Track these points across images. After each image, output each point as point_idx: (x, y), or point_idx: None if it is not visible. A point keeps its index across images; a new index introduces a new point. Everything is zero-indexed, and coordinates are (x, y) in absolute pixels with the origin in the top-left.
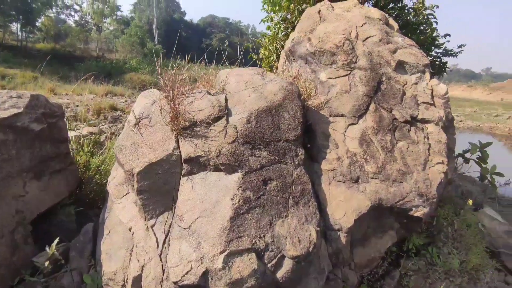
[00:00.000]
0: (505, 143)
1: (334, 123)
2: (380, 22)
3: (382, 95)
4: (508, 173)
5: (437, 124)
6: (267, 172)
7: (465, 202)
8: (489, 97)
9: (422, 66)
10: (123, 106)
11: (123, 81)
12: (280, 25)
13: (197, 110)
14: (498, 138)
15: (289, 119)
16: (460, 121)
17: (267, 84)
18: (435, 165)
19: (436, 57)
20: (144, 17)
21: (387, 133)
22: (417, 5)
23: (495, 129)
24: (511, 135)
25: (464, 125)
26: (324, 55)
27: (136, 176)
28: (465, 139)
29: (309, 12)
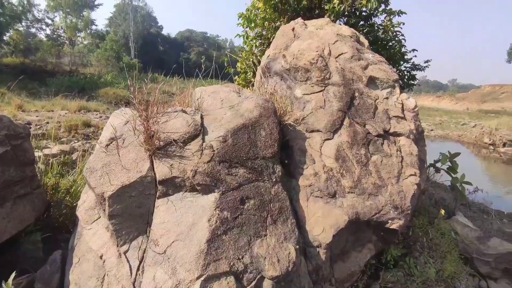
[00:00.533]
0: (472, 150)
1: (311, 139)
2: (351, 39)
3: (355, 110)
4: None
5: (408, 137)
6: (245, 190)
7: (439, 211)
8: (455, 106)
9: (392, 81)
10: (97, 122)
11: (98, 96)
12: (256, 41)
13: (172, 130)
14: (466, 146)
15: (266, 136)
16: (431, 130)
17: (243, 102)
18: (408, 177)
19: (405, 71)
20: (120, 31)
21: (361, 147)
22: (386, 23)
23: (463, 137)
24: (477, 142)
25: (435, 133)
26: (298, 71)
27: (107, 200)
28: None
29: (284, 30)
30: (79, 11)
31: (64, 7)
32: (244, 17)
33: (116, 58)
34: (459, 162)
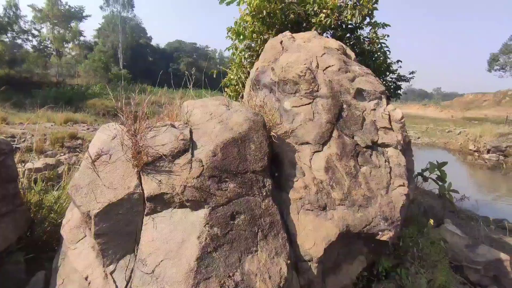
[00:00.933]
0: (458, 157)
1: (300, 151)
2: (338, 52)
3: (344, 121)
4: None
5: (396, 147)
6: (235, 205)
7: (428, 219)
8: (441, 114)
9: (379, 93)
10: (85, 134)
11: (85, 107)
12: (245, 53)
13: (161, 145)
14: (452, 153)
15: (255, 150)
16: (418, 137)
17: (232, 115)
18: (397, 187)
19: (391, 82)
20: (108, 42)
21: (350, 158)
22: (371, 35)
23: (449, 144)
24: (462, 149)
25: (421, 141)
26: (287, 84)
27: (94, 218)
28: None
29: (272, 43)
30: (67, 22)
31: (52, 18)
32: (233, 31)
33: (104, 69)
34: (447, 169)
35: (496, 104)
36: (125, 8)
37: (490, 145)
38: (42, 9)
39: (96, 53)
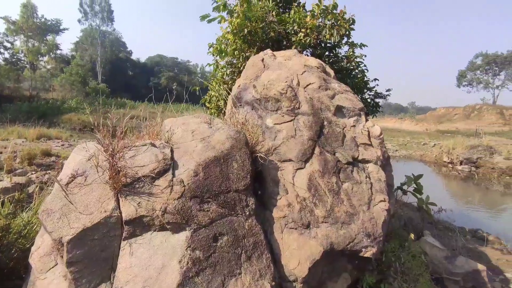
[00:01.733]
0: (433, 169)
1: (283, 169)
2: (318, 70)
3: (325, 138)
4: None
5: (376, 163)
6: (217, 227)
7: (408, 232)
8: (416, 127)
9: (358, 109)
10: (59, 151)
11: (61, 122)
12: (226, 69)
13: (140, 165)
14: (428, 165)
15: (238, 168)
16: (396, 150)
17: (214, 133)
18: (378, 203)
19: (368, 98)
20: (86, 56)
21: (332, 175)
22: (349, 53)
23: (425, 157)
24: (437, 161)
25: (399, 154)
26: (269, 101)
27: (66, 245)
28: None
29: (253, 60)
30: (42, 35)
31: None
32: (215, 49)
33: (82, 83)
34: (424, 181)
35: (466, 117)
36: (104, 22)
37: (463, 157)
38: (16, 21)
39: (73, 67)
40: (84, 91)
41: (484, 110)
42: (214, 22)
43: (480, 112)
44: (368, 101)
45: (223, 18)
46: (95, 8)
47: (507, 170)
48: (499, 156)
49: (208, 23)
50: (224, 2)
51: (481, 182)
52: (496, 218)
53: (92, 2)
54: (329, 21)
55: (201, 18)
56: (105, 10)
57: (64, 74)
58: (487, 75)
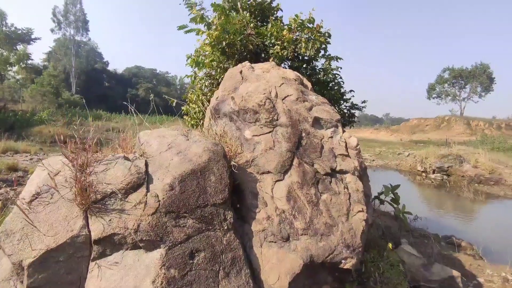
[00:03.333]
0: (408, 177)
1: (262, 181)
2: (296, 82)
3: (303, 150)
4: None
5: (353, 173)
6: (194, 243)
7: (387, 241)
8: (391, 137)
9: (335, 121)
10: (27, 165)
11: (30, 135)
12: (205, 81)
13: (112, 180)
14: (403, 174)
15: (216, 181)
16: (372, 160)
17: (191, 146)
18: (356, 213)
19: (345, 109)
20: (60, 66)
21: (311, 186)
22: (326, 66)
23: (400, 166)
24: (412, 170)
25: (376, 163)
26: (247, 113)
27: (27, 269)
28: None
29: (232, 72)
30: (12, 45)
31: None
32: (193, 60)
33: (54, 94)
34: (400, 190)
35: (437, 128)
36: (78, 32)
37: (435, 165)
38: None
39: (45, 77)
40: (56, 102)
41: (453, 121)
42: (193, 33)
43: (449, 123)
44: (344, 112)
45: (200, 30)
46: (69, 17)
47: (475, 178)
48: (468, 164)
49: (185, 33)
50: (201, 15)
51: (452, 190)
52: (467, 224)
53: (66, 12)
54: (305, 35)
55: (179, 28)
56: (79, 19)
57: (35, 84)
58: (454, 88)
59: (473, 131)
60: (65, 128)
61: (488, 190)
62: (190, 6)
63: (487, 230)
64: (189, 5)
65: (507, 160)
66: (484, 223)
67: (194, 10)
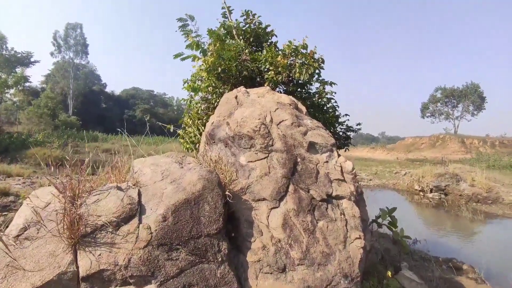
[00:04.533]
0: (406, 197)
1: (257, 208)
2: (290, 106)
3: (299, 175)
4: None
5: (350, 199)
6: (187, 277)
7: (386, 267)
8: (387, 156)
9: (330, 145)
10: (19, 190)
11: (24, 157)
12: (201, 105)
13: (104, 212)
14: (401, 193)
15: (210, 211)
16: (370, 180)
17: (185, 174)
18: (354, 241)
19: (340, 132)
20: (57, 88)
21: (307, 213)
22: (320, 90)
23: (397, 185)
24: (409, 189)
25: (373, 183)
26: (242, 139)
27: None
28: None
29: (227, 97)
30: (11, 68)
31: None
32: (189, 86)
33: (51, 116)
34: (398, 210)
35: (432, 146)
36: (78, 55)
37: (432, 184)
38: None
39: (42, 99)
40: (53, 124)
41: (448, 140)
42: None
43: (444, 141)
44: (340, 134)
45: (196, 56)
46: (69, 41)
47: (473, 197)
48: (464, 183)
49: (182, 60)
50: (197, 42)
51: (451, 209)
52: (468, 245)
53: (66, 36)
54: (299, 60)
55: (175, 56)
56: (79, 43)
57: (31, 106)
58: (447, 107)
59: (468, 149)
60: (61, 150)
61: (487, 209)
62: (186, 33)
63: (489, 251)
64: (185, 32)
65: (503, 178)
66: (485, 244)
67: (190, 38)
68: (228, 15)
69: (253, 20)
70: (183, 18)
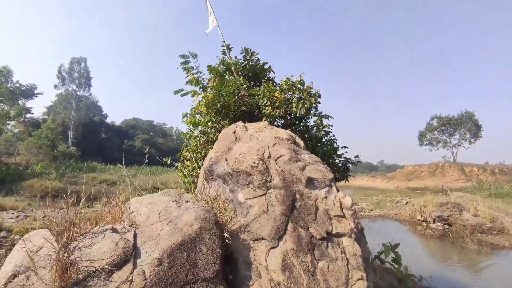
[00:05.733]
0: (409, 228)
1: (255, 248)
2: (288, 141)
3: (298, 212)
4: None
5: (350, 236)
6: None
7: None
8: (387, 185)
9: (329, 180)
10: (12, 224)
11: (20, 189)
12: (200, 138)
13: (97, 256)
14: (403, 224)
15: (207, 253)
16: (371, 210)
17: (182, 214)
18: (356, 282)
19: (339, 164)
20: (59, 119)
21: (307, 253)
22: (317, 123)
23: (399, 215)
24: (411, 219)
25: (374, 213)
26: (240, 175)
27: None
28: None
29: (226, 133)
30: (14, 100)
31: None
32: (190, 121)
33: (50, 146)
34: (402, 242)
35: (432, 174)
36: (81, 87)
37: (434, 214)
38: None
39: (42, 130)
40: (51, 154)
41: (447, 168)
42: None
43: (443, 169)
44: (339, 166)
45: (196, 92)
46: (73, 74)
47: (477, 227)
48: (467, 213)
49: (182, 96)
50: (197, 78)
51: (455, 241)
52: (476, 280)
53: (71, 69)
54: (296, 95)
55: (175, 92)
56: (83, 76)
57: (31, 137)
58: (444, 135)
59: (468, 177)
60: (58, 181)
61: (492, 240)
62: (187, 70)
63: (498, 286)
64: (186, 68)
65: (506, 207)
66: (494, 278)
67: (190, 74)
68: (227, 53)
69: (251, 57)
70: (186, 55)
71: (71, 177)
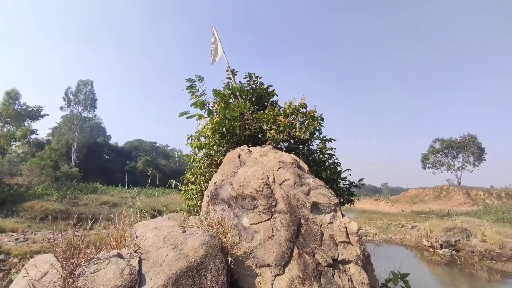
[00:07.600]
0: (416, 253)
1: (261, 276)
2: (292, 165)
3: (303, 238)
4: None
5: (357, 263)
6: None
7: None
8: (391, 208)
9: (333, 205)
10: (11, 247)
11: (21, 211)
12: (204, 161)
13: (102, 283)
14: (409, 249)
15: (212, 280)
16: (375, 234)
17: (188, 239)
18: None
19: (344, 187)
20: (63, 140)
21: (313, 281)
22: (321, 146)
23: (404, 240)
24: (418, 245)
25: (379, 237)
26: (245, 199)
27: None
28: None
29: (230, 156)
30: (20, 121)
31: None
32: (196, 144)
33: (53, 167)
34: (410, 269)
35: (436, 197)
36: (86, 109)
37: (441, 240)
38: None
39: (46, 151)
40: (54, 175)
41: (452, 191)
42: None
43: (448, 192)
44: (343, 189)
45: (201, 115)
46: (79, 96)
47: (486, 253)
48: (475, 238)
49: (187, 119)
50: (202, 102)
51: (464, 268)
52: None
53: (77, 92)
54: (300, 119)
55: (180, 114)
56: (89, 98)
57: (34, 158)
58: (447, 158)
59: (474, 201)
60: (59, 203)
61: (503, 268)
62: (192, 93)
63: None
64: (191, 91)
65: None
66: None
67: (195, 97)
68: (232, 77)
69: (255, 81)
70: (192, 79)
71: (72, 198)
